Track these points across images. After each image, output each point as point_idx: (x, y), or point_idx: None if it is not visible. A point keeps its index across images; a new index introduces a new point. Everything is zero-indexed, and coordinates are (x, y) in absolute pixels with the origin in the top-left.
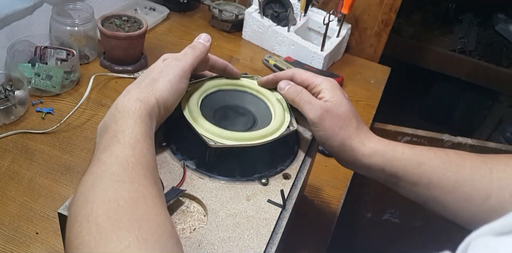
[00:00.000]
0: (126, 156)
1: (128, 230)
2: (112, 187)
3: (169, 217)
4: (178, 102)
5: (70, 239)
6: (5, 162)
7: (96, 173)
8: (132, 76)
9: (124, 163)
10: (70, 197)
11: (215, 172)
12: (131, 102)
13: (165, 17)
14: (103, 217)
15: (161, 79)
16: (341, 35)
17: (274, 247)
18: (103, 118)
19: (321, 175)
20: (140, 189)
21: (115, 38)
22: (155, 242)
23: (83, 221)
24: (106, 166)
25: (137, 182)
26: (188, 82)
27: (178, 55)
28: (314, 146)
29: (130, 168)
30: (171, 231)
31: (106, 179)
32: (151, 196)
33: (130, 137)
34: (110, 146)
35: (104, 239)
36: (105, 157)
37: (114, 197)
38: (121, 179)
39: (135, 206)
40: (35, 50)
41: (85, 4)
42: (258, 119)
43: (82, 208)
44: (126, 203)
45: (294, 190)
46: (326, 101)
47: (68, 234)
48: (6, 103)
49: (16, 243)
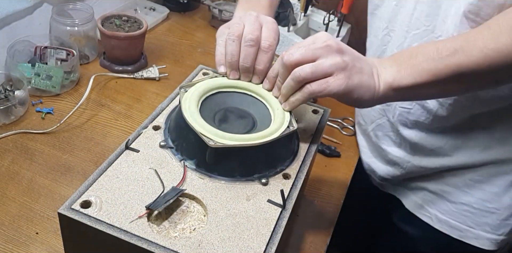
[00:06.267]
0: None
1: None
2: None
3: None
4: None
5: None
6: (5, 162)
7: None
8: (132, 76)
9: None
10: (70, 197)
11: (215, 172)
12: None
13: (165, 17)
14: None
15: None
16: (341, 35)
17: (274, 247)
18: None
19: (321, 175)
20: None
21: (115, 38)
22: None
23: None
24: None
25: None
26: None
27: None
28: (314, 146)
29: None
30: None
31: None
32: None
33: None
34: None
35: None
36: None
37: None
38: None
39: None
40: (35, 50)
41: (85, 4)
42: (258, 121)
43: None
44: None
45: (294, 190)
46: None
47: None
48: (6, 103)
49: (16, 243)
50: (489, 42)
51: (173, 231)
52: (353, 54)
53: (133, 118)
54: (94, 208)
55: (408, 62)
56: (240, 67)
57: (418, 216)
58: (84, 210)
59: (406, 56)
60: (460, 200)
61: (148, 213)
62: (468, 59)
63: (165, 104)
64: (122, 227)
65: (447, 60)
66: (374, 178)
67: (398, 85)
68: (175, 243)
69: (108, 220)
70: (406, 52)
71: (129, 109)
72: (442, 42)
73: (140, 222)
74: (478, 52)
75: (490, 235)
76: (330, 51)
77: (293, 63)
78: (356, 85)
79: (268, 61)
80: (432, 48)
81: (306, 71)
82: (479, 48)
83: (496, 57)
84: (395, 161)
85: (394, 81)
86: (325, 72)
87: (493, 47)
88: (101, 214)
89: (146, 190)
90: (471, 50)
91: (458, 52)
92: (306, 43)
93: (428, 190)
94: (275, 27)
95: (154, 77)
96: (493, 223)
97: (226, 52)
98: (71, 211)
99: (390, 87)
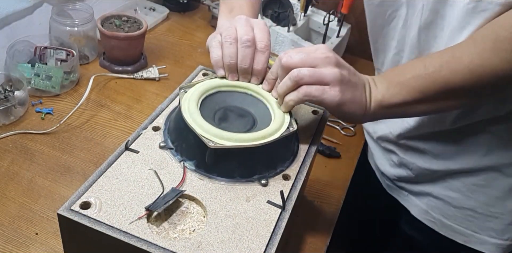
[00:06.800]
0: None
1: None
2: None
3: None
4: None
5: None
6: (4, 162)
7: None
8: (132, 77)
9: None
10: (70, 198)
11: (214, 173)
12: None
13: (165, 17)
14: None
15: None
16: (341, 35)
17: (274, 248)
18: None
19: (321, 176)
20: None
21: (115, 38)
22: None
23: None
24: None
25: None
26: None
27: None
28: (314, 146)
29: None
30: None
31: None
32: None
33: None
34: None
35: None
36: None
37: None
38: None
39: None
40: (35, 50)
41: (85, 4)
42: (258, 120)
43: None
44: None
45: (294, 191)
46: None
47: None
48: (5, 103)
49: (16, 243)
50: (474, 58)
51: (172, 232)
52: (349, 69)
53: (132, 119)
54: (93, 209)
55: (397, 80)
56: (239, 69)
57: (422, 221)
58: (84, 211)
59: (395, 74)
60: (463, 205)
61: (147, 214)
62: (455, 76)
63: (164, 105)
64: (122, 228)
65: (434, 77)
66: (384, 179)
67: (388, 103)
68: (175, 244)
69: (107, 221)
70: (396, 69)
71: (129, 109)
72: (429, 57)
73: (140, 223)
74: (464, 68)
75: (495, 240)
76: (330, 63)
77: (291, 66)
78: (349, 100)
79: (265, 61)
80: (419, 64)
81: (304, 72)
82: (464, 64)
83: (481, 72)
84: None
85: (384, 99)
86: (322, 79)
87: (478, 63)
88: (100, 215)
89: (145, 191)
90: (457, 66)
91: (444, 68)
92: (307, 50)
93: (432, 195)
94: (266, 28)
95: (154, 78)
96: (498, 228)
97: (223, 54)
98: (71, 212)
99: (380, 105)
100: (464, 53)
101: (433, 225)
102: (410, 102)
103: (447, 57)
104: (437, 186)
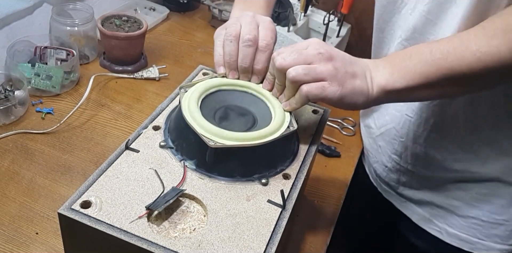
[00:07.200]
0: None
1: None
2: None
3: None
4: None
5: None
6: (5, 162)
7: None
8: (132, 76)
9: None
10: (70, 197)
11: (215, 172)
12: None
13: (165, 17)
14: None
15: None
16: (341, 35)
17: (274, 247)
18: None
19: (321, 175)
20: None
21: (115, 38)
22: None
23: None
24: None
25: None
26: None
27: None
28: (314, 146)
29: None
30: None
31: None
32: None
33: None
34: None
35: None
36: None
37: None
38: None
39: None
40: (35, 50)
41: (85, 4)
42: (258, 119)
43: None
44: None
45: (294, 190)
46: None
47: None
48: (6, 103)
49: (16, 243)
50: (482, 45)
51: (173, 231)
52: (344, 60)
53: (133, 118)
54: (94, 208)
55: (402, 64)
56: (239, 68)
57: (426, 230)
58: (84, 210)
59: (400, 58)
60: (468, 213)
61: (148, 213)
62: (461, 62)
63: (165, 104)
64: (122, 228)
65: (440, 63)
66: (380, 184)
67: (392, 88)
68: (175, 243)
69: (108, 220)
70: (401, 54)
71: (129, 109)
72: (437, 43)
73: (140, 222)
74: (471, 55)
75: (501, 245)
76: (322, 59)
77: (285, 69)
78: (349, 92)
79: (266, 61)
80: (426, 50)
81: (299, 72)
82: (471, 51)
83: (489, 61)
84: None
85: (387, 84)
86: (317, 76)
87: (486, 50)
88: (101, 214)
89: (146, 190)
90: (464, 53)
91: (451, 54)
92: (299, 48)
93: (435, 204)
94: (272, 26)
95: (154, 77)
96: (503, 234)
97: (224, 52)
98: (71, 211)
99: (384, 90)
100: (472, 39)
101: (439, 234)
102: (414, 87)
103: (454, 44)
104: (439, 195)
